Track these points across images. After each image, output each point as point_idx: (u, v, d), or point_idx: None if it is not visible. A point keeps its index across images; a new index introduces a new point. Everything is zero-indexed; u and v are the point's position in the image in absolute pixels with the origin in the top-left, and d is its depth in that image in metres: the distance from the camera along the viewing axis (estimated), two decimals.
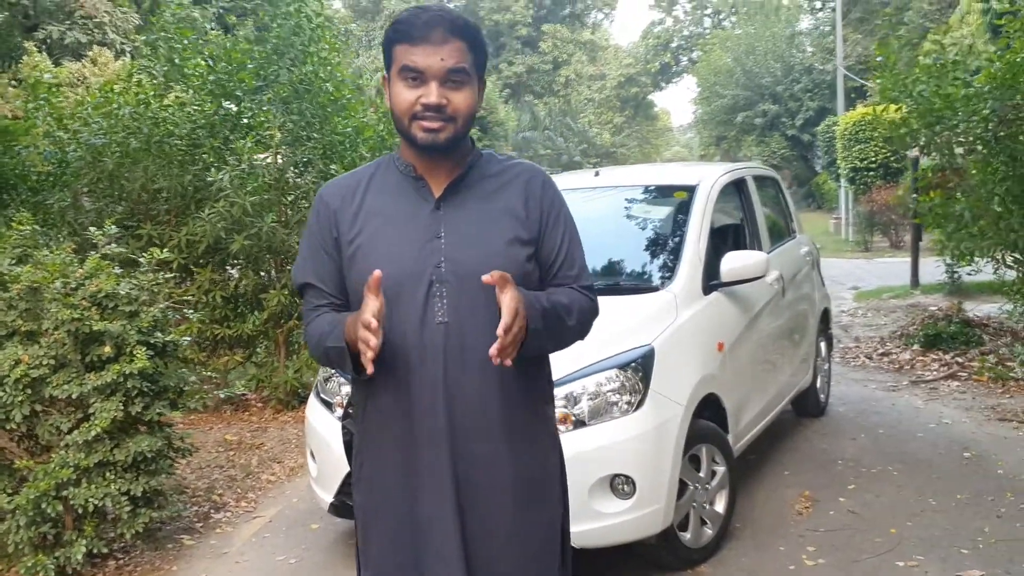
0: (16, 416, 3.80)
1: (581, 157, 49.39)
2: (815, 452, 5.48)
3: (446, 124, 1.88)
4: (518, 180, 2.00)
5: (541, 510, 2.02)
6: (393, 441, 1.94)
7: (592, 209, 5.04)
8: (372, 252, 1.93)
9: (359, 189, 2.00)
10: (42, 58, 11.22)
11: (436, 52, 1.85)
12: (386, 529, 1.96)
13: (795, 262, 5.69)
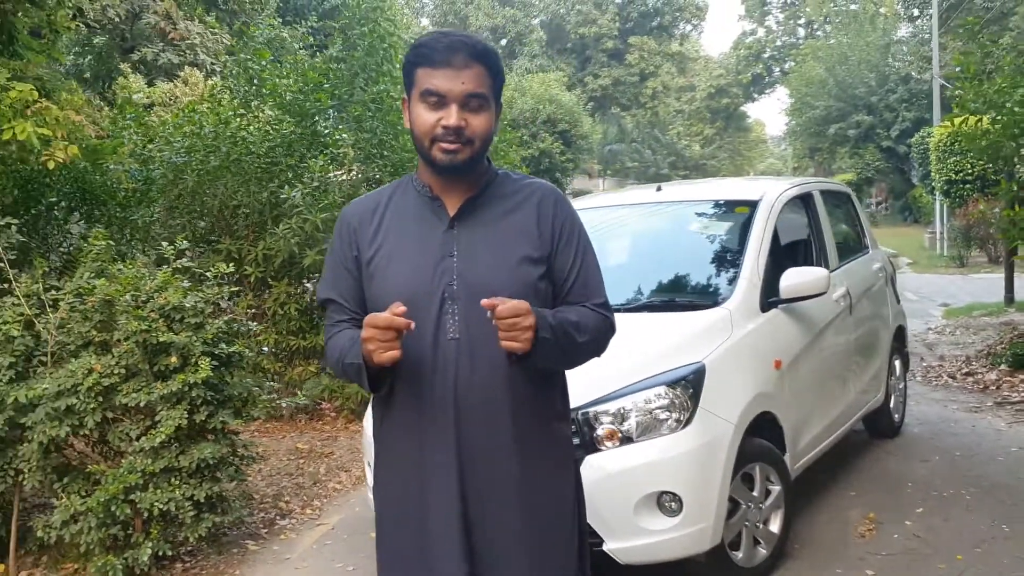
0: (89, 422, 4.01)
1: (669, 170, 49.01)
2: (885, 473, 5.33)
3: (464, 146, 1.93)
4: (531, 199, 2.04)
5: (551, 530, 2.03)
6: (406, 455, 1.99)
7: (653, 225, 5.05)
8: (388, 270, 1.99)
9: (379, 209, 2.07)
10: (136, 79, 11.77)
11: (457, 76, 1.91)
12: (397, 541, 2.02)
13: (866, 278, 5.56)
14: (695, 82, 59.77)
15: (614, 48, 44.91)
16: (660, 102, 49.54)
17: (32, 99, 5.24)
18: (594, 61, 45.51)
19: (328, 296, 2.10)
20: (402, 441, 2.01)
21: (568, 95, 35.00)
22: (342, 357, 1.98)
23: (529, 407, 1.99)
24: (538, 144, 31.68)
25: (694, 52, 61.02)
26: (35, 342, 4.36)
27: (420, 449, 1.97)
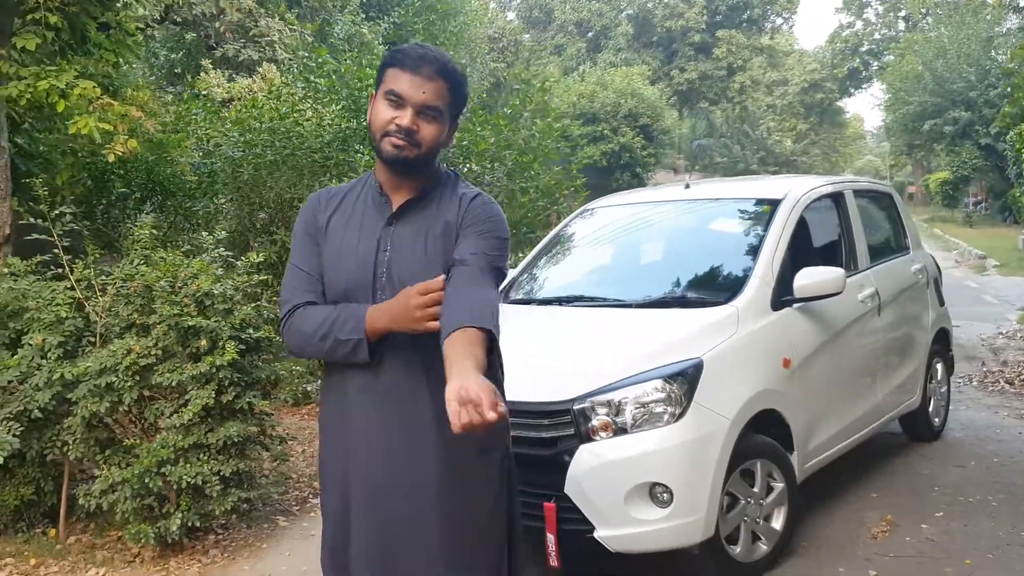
0: (127, 399, 4.30)
1: (758, 165, 48.17)
2: (913, 476, 5.27)
3: (411, 147, 2.09)
4: (460, 204, 2.18)
5: (474, 501, 2.17)
6: (336, 429, 2.21)
7: (676, 222, 5.10)
8: (336, 256, 2.18)
9: (337, 198, 2.26)
10: (216, 75, 12.26)
11: (420, 85, 2.08)
12: (327, 504, 2.24)
13: (901, 279, 5.49)
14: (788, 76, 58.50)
15: (701, 42, 44.29)
16: (748, 96, 48.62)
17: (95, 96, 5.58)
18: (680, 55, 44.96)
19: (297, 265, 2.22)
20: (334, 417, 2.20)
21: (651, 89, 34.72)
22: (329, 332, 2.09)
23: None
24: (618, 139, 31.56)
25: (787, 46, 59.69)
26: (85, 323, 4.68)
27: (346, 418, 2.17)
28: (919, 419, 5.79)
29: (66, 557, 4.42)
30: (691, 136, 52.83)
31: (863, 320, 4.89)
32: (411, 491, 2.11)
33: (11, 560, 4.40)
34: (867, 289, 4.97)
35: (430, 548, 2.11)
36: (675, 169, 45.52)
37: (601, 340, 4.11)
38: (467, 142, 7.25)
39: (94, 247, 4.86)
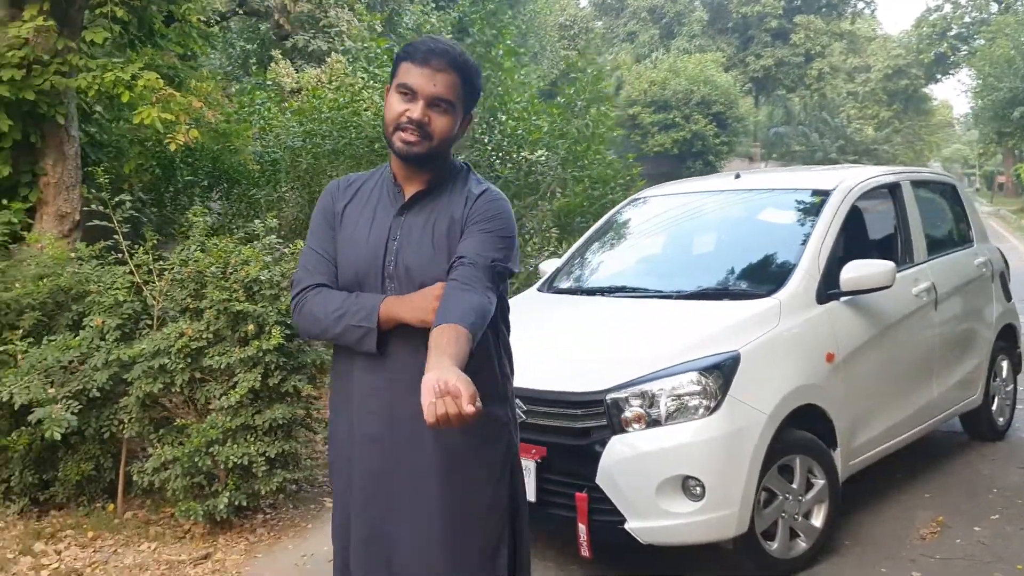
0: (179, 380, 4.45)
1: (837, 154, 47.02)
2: (972, 477, 5.12)
3: (423, 140, 2.12)
4: (466, 193, 2.21)
5: (470, 499, 2.18)
6: (344, 411, 2.25)
7: (724, 213, 5.04)
8: (348, 243, 2.22)
9: (354, 186, 2.31)
10: (286, 65, 12.49)
11: (431, 77, 2.10)
12: (337, 483, 2.28)
13: (962, 273, 5.32)
14: (870, 62, 56.89)
15: (778, 28, 43.32)
16: (827, 83, 47.43)
17: (158, 87, 5.75)
18: (756, 41, 44.06)
19: (312, 247, 2.27)
20: (341, 402, 2.25)
21: (725, 76, 34.20)
22: (342, 317, 2.13)
23: None
24: (690, 126, 31.18)
25: (869, 31, 58.07)
26: (143, 307, 4.85)
27: (351, 405, 2.21)
28: (981, 418, 5.61)
29: (121, 531, 4.59)
30: (768, 124, 51.83)
31: (918, 315, 4.76)
32: (410, 479, 2.14)
33: (71, 532, 4.59)
34: (923, 283, 4.84)
35: (426, 537, 2.14)
36: (751, 157, 44.72)
37: (639, 331, 4.09)
38: (521, 131, 7.26)
39: (152, 233, 5.02)
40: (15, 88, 5.62)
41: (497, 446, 2.24)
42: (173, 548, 4.44)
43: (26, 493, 4.77)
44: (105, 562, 4.29)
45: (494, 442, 2.23)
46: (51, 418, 4.19)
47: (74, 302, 4.96)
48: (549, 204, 7.04)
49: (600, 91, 7.38)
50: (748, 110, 35.84)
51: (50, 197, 6.11)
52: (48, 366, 4.48)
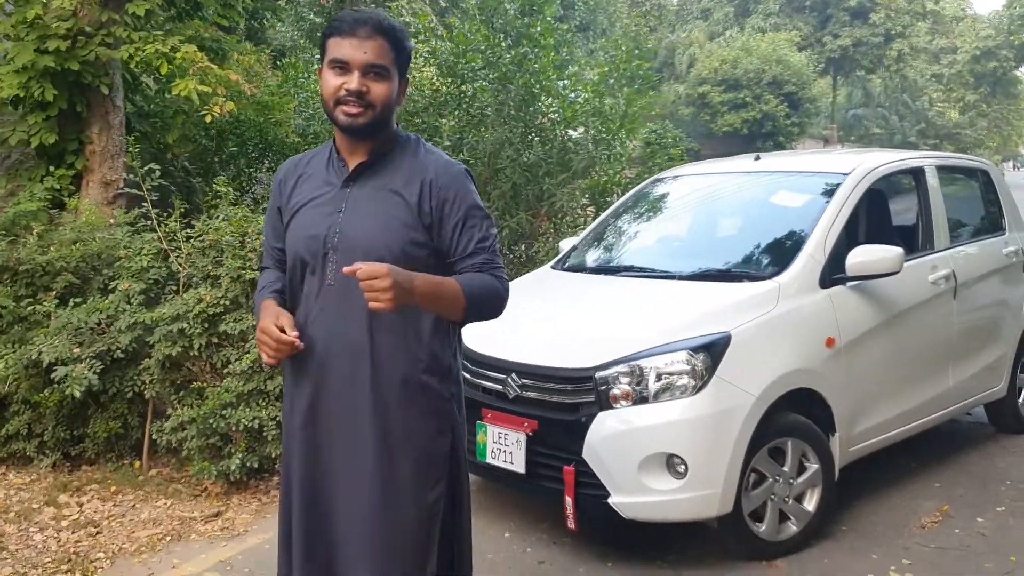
0: (196, 344, 4.63)
1: (917, 138, 45.70)
2: (986, 468, 5.02)
3: (365, 110, 2.16)
4: (421, 173, 2.23)
5: (404, 470, 2.23)
6: (291, 383, 2.32)
7: (739, 194, 5.01)
8: (295, 221, 2.29)
9: (299, 166, 2.37)
10: None
11: (360, 46, 2.14)
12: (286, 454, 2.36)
13: (986, 261, 5.19)
14: (957, 43, 54.96)
15: (858, 6, 41.99)
16: (907, 65, 45.97)
17: (196, 59, 5.93)
18: (835, 20, 42.80)
19: (264, 232, 2.50)
20: (289, 370, 2.33)
21: (798, 56, 33.41)
22: (256, 297, 2.40)
23: (391, 356, 2.20)
24: (760, 107, 30.61)
25: (957, 10, 56.09)
26: (168, 273, 5.05)
27: (295, 378, 2.28)
28: (1005, 409, 5.49)
29: (143, 488, 4.81)
30: (847, 106, 50.53)
31: (933, 303, 4.68)
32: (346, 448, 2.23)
33: (96, 486, 4.82)
34: (941, 271, 4.75)
35: (360, 501, 2.22)
36: (826, 139, 43.68)
37: (637, 310, 4.12)
38: (557, 109, 7.28)
39: (181, 202, 5.20)
40: (61, 59, 5.85)
41: (435, 416, 2.27)
42: (188, 505, 4.63)
43: (58, 448, 5.03)
44: (123, 516, 4.50)
45: (432, 412, 2.27)
46: (72, 376, 4.41)
47: (106, 267, 5.18)
48: (583, 182, 7.04)
49: (636, 70, 7.33)
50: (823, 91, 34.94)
51: (95, 165, 6.35)
52: (76, 327, 4.70)
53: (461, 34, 7.44)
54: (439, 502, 2.28)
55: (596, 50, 9.85)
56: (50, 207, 5.72)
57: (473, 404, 4.01)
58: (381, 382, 2.19)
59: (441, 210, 2.22)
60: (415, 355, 2.23)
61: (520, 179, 6.77)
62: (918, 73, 50.99)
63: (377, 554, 2.19)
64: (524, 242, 6.99)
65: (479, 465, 4.00)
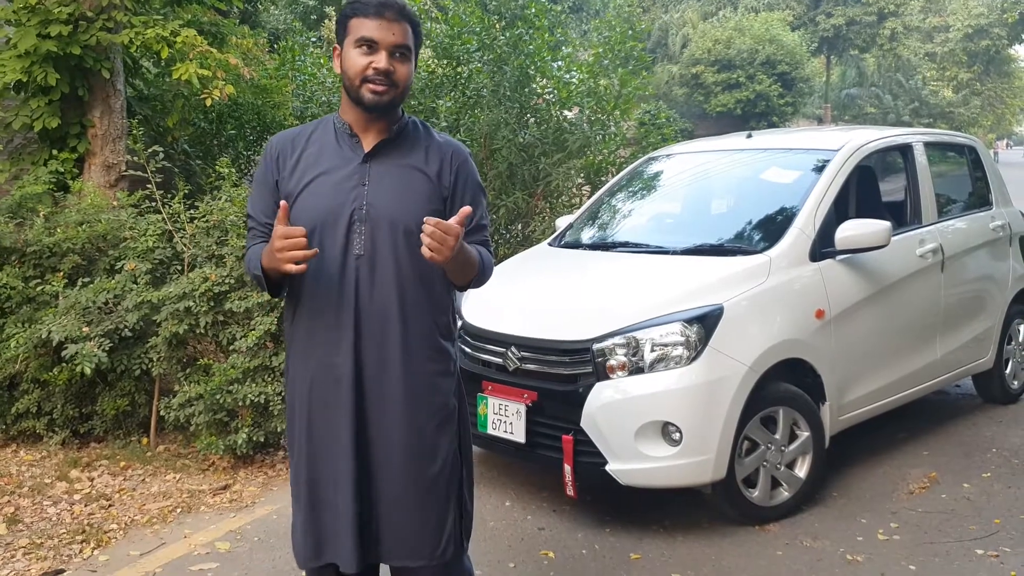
0: (203, 322, 4.74)
1: (911, 116, 45.78)
2: (974, 437, 5.17)
3: (390, 88, 2.26)
4: (442, 155, 2.38)
5: (429, 432, 2.37)
6: (312, 354, 2.36)
7: (731, 172, 5.13)
8: (307, 193, 2.33)
9: (299, 140, 2.40)
10: None
11: (388, 28, 2.23)
12: (300, 427, 2.41)
13: (974, 236, 5.32)
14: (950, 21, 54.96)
15: None
16: (900, 44, 46.00)
17: (196, 43, 6.00)
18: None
19: (250, 212, 2.46)
20: (307, 342, 2.37)
21: (791, 35, 33.44)
22: (250, 268, 2.39)
23: (418, 321, 2.34)
24: (754, 86, 30.66)
25: None
26: (173, 253, 5.15)
27: (323, 349, 2.33)
28: (993, 381, 5.63)
29: (152, 463, 4.93)
30: (840, 85, 50.58)
31: (921, 275, 4.80)
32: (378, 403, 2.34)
33: (105, 462, 4.94)
34: (928, 244, 4.87)
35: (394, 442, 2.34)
36: (820, 119, 43.75)
37: (632, 285, 4.24)
38: (552, 90, 7.37)
39: (184, 183, 5.30)
40: (63, 43, 5.91)
41: (450, 376, 2.44)
42: (196, 479, 4.76)
43: (68, 425, 5.13)
44: (133, 489, 4.62)
45: (448, 373, 2.43)
46: (82, 354, 4.52)
47: (112, 248, 5.28)
48: (578, 162, 7.14)
49: (629, 51, 7.42)
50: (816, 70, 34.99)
51: (97, 148, 6.43)
52: (84, 307, 4.80)
53: (456, 16, 7.52)
54: (456, 456, 2.44)
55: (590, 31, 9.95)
56: (55, 190, 5.81)
57: (474, 377, 4.15)
58: (410, 345, 2.33)
59: (456, 185, 2.37)
60: (435, 320, 2.39)
61: (516, 159, 6.88)
62: (911, 52, 50.98)
63: (412, 502, 2.34)
64: (521, 221, 7.10)
65: (480, 436, 4.12)
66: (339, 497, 2.33)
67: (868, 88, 49.03)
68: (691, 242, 4.51)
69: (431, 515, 2.37)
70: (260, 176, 2.43)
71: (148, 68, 7.31)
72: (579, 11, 28.97)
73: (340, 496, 2.32)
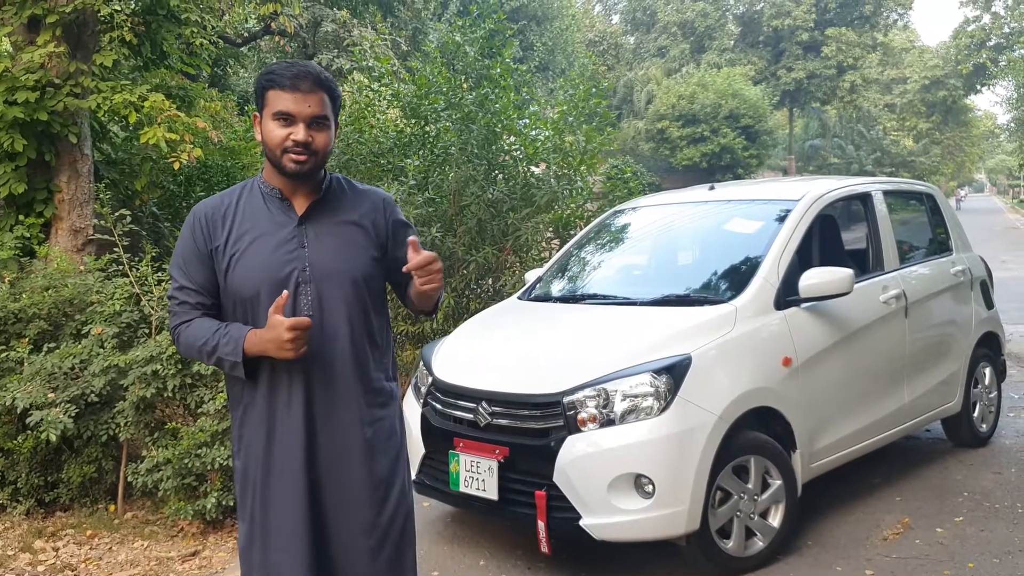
0: (171, 385, 4.69)
1: (873, 166, 46.73)
2: (944, 481, 5.19)
3: (310, 157, 2.30)
4: (369, 204, 2.45)
5: (385, 464, 2.42)
6: (265, 419, 2.36)
7: (694, 223, 5.20)
8: (245, 261, 2.33)
9: (230, 208, 2.39)
10: None
11: (305, 100, 2.27)
12: (256, 497, 2.39)
13: (935, 281, 5.41)
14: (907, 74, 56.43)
15: (810, 40, 43.21)
16: (860, 95, 47.18)
17: (163, 108, 6.05)
18: (788, 54, 43.97)
19: (182, 284, 2.39)
20: (261, 407, 2.36)
21: (753, 89, 34.20)
22: (211, 350, 2.32)
23: (367, 369, 2.39)
24: (718, 140, 31.20)
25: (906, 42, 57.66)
26: (141, 316, 5.11)
27: (275, 412, 2.34)
28: (961, 424, 5.68)
29: (119, 531, 4.84)
30: (803, 136, 51.64)
31: (885, 321, 4.87)
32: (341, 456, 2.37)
33: (71, 531, 4.85)
34: (892, 290, 4.94)
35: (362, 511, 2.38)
36: (785, 170, 44.54)
37: (601, 336, 4.26)
38: (519, 147, 7.47)
39: (152, 246, 5.29)
40: (30, 109, 5.94)
41: (398, 418, 2.52)
42: (164, 545, 4.67)
43: (32, 494, 5.04)
44: (100, 558, 4.53)
45: (396, 415, 2.51)
46: (47, 420, 4.45)
47: (78, 312, 5.24)
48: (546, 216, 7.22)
49: (594, 108, 7.56)
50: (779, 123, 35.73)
51: (64, 213, 6.43)
52: (50, 372, 4.75)
53: (423, 77, 7.63)
54: (407, 496, 2.50)
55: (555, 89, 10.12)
56: (21, 255, 5.77)
57: (445, 434, 4.13)
58: (366, 394, 2.38)
59: (391, 228, 2.47)
60: (384, 366, 2.47)
61: (485, 215, 6.94)
62: (871, 103, 52.26)
63: (375, 544, 2.39)
64: (491, 276, 7.14)
65: (452, 494, 4.10)
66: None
67: (831, 139, 50.08)
68: (658, 293, 4.55)
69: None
70: (188, 246, 2.38)
71: (116, 132, 7.35)
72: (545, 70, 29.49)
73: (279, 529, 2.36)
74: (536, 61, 26.94)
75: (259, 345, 2.25)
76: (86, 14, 6.18)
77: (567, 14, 30.13)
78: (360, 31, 14.94)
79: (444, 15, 18.92)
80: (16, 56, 6.05)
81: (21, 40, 6.21)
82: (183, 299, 2.39)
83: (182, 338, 2.39)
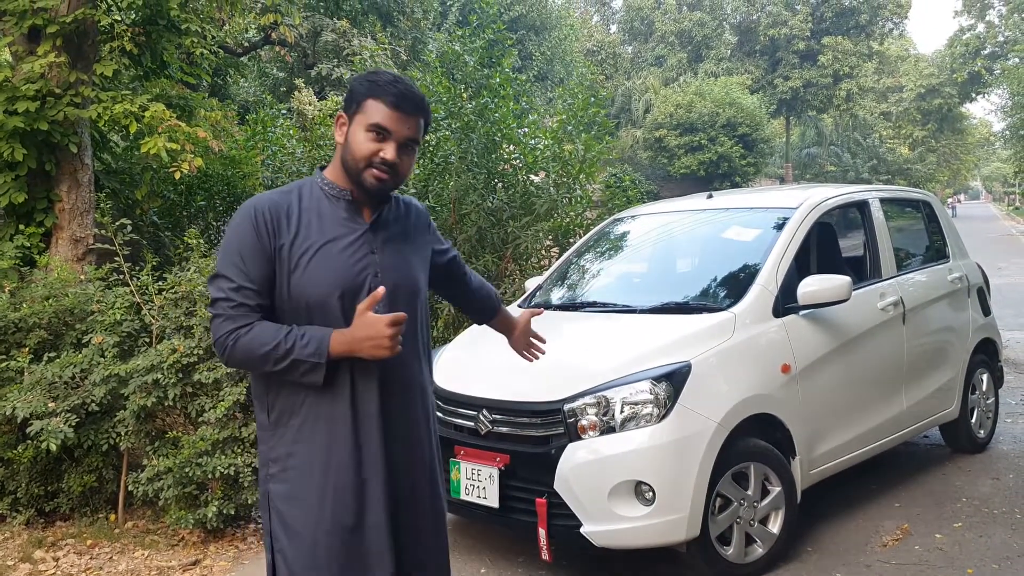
0: (171, 394, 4.70)
1: (870, 174, 46.88)
2: (943, 487, 5.21)
3: (392, 178, 2.26)
4: (416, 213, 2.50)
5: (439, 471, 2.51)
6: (335, 423, 2.24)
7: (693, 231, 5.22)
8: (321, 263, 2.23)
9: (292, 205, 2.28)
10: (307, 93, 12.87)
11: (404, 121, 2.22)
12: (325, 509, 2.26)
13: (933, 288, 5.44)
14: (903, 82, 56.66)
15: (806, 49, 43.40)
16: (856, 104, 47.34)
17: (164, 117, 6.07)
18: (784, 63, 44.15)
19: (240, 284, 2.18)
20: (341, 417, 2.24)
21: (751, 98, 34.31)
22: (283, 355, 2.13)
23: (427, 374, 2.47)
24: (716, 148, 31.28)
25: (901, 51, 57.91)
26: (141, 325, 5.12)
27: (360, 423, 2.25)
28: (960, 430, 5.70)
29: (120, 540, 4.84)
30: (800, 145, 51.80)
31: (883, 328, 4.89)
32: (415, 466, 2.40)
33: (71, 541, 4.84)
34: (889, 297, 4.97)
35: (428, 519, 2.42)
36: (782, 178, 44.65)
37: (601, 344, 4.28)
38: (519, 156, 7.50)
39: (152, 255, 5.30)
40: (30, 119, 5.95)
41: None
42: (165, 555, 4.67)
43: (32, 504, 5.04)
44: (100, 568, 4.53)
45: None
46: (48, 430, 4.46)
47: (79, 321, 5.25)
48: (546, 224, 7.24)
49: (592, 117, 7.60)
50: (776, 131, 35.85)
51: (65, 222, 6.43)
52: (50, 382, 4.75)
53: (423, 86, 7.65)
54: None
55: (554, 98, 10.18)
56: (21, 265, 5.78)
57: (446, 442, 4.13)
58: (428, 399, 2.45)
59: (437, 243, 2.63)
60: (431, 374, 2.53)
61: (485, 223, 6.97)
62: (867, 111, 52.46)
63: (439, 551, 2.46)
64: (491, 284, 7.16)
65: (453, 502, 4.10)
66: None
67: (827, 147, 50.27)
68: (657, 300, 4.57)
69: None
70: (250, 242, 2.20)
71: (116, 142, 7.36)
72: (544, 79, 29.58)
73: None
74: (535, 70, 27.02)
75: (347, 345, 2.14)
76: (87, 24, 6.20)
77: (565, 24, 30.23)
78: (360, 41, 14.99)
79: (443, 25, 19.00)
80: (16, 66, 6.07)
81: (22, 50, 6.22)
82: (241, 301, 2.18)
83: (240, 343, 2.16)
